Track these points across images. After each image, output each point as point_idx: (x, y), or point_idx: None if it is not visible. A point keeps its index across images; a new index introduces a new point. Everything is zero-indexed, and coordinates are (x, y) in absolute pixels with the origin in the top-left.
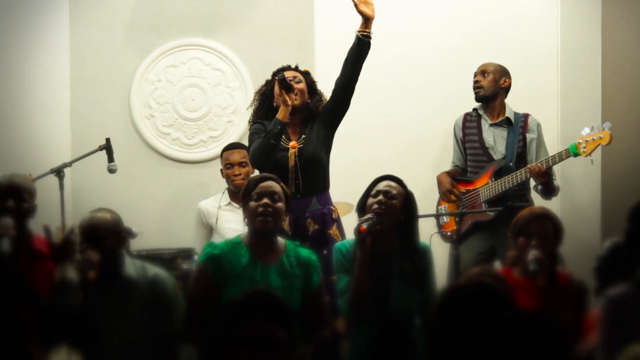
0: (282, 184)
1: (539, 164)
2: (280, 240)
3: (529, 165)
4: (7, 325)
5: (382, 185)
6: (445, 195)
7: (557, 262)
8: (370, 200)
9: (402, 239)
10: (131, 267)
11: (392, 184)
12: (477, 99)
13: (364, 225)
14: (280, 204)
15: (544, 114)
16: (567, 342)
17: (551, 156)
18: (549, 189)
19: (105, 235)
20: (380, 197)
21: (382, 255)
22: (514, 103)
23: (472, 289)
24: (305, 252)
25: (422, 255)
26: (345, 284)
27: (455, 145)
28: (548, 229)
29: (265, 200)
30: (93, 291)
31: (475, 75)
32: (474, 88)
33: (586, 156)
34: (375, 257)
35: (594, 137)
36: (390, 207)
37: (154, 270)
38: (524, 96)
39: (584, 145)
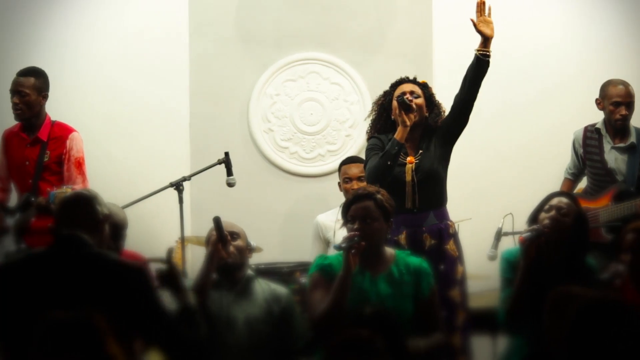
0: (379, 197)
1: None
2: (390, 250)
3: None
4: (83, 334)
5: (555, 201)
6: None
7: None
8: (543, 214)
9: (570, 258)
10: (255, 281)
11: (566, 200)
12: (617, 129)
13: (524, 236)
14: (375, 224)
15: None
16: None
17: None
18: None
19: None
20: (553, 212)
21: (547, 267)
22: (635, 118)
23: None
24: (415, 260)
25: (587, 273)
26: (506, 294)
27: (574, 156)
28: None
29: (358, 224)
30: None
31: (617, 105)
32: (617, 120)
33: None
34: (541, 269)
35: None
36: (562, 223)
37: (279, 288)
38: None
39: None
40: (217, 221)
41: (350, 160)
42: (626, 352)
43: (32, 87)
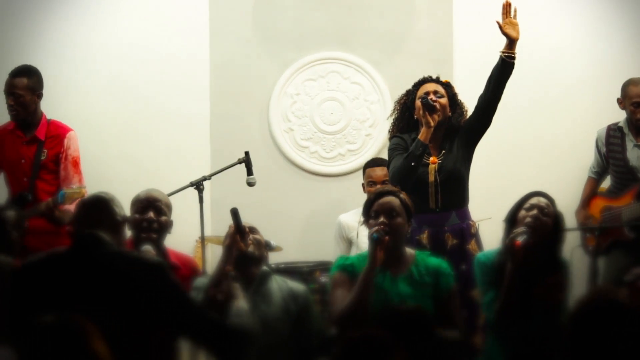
0: (402, 196)
1: None
2: (410, 251)
3: None
4: (70, 336)
5: (536, 200)
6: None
7: None
8: (523, 212)
9: (548, 256)
10: (272, 279)
11: (546, 201)
12: (639, 129)
13: (519, 240)
14: (399, 220)
15: None
16: None
17: None
18: None
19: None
20: (535, 211)
21: (529, 266)
22: None
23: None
24: (434, 260)
25: (562, 268)
26: (491, 296)
27: (597, 155)
28: None
29: (382, 218)
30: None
31: (638, 105)
32: (638, 120)
33: None
34: (525, 269)
35: None
36: (544, 223)
37: (296, 285)
38: None
39: None
40: (234, 212)
41: (374, 162)
42: (627, 352)
43: (25, 88)
